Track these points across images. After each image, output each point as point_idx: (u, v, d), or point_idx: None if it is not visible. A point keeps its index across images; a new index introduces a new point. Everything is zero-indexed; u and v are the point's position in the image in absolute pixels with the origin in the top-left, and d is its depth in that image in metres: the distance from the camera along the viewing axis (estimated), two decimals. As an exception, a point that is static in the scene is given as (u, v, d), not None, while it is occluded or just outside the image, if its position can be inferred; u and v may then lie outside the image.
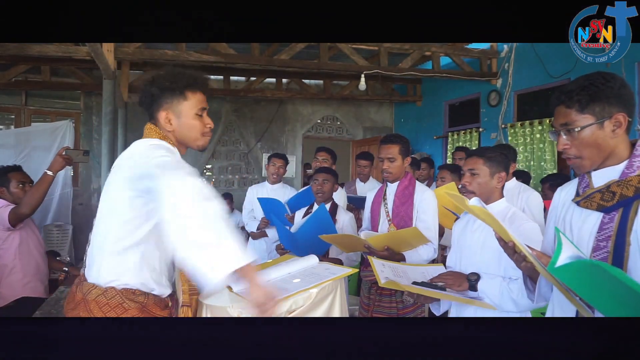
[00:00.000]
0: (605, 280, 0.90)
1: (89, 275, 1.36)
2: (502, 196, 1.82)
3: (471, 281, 1.65)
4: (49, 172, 2.23)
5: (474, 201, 1.21)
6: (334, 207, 2.73)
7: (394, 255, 2.17)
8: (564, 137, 1.15)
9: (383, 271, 1.87)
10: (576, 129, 1.12)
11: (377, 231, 2.39)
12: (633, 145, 1.14)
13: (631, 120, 1.12)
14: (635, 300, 0.86)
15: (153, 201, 1.18)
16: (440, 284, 1.69)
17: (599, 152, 1.13)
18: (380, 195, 2.46)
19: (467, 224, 1.85)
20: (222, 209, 1.09)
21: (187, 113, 1.38)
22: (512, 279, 1.60)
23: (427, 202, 2.32)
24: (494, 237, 1.28)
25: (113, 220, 1.33)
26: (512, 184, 2.85)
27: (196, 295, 1.46)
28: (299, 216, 2.90)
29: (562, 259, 0.90)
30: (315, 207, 2.81)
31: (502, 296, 1.58)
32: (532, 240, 1.41)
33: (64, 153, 2.26)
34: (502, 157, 1.78)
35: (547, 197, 3.23)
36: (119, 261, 1.31)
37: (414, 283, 1.72)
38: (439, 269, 1.96)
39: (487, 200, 1.77)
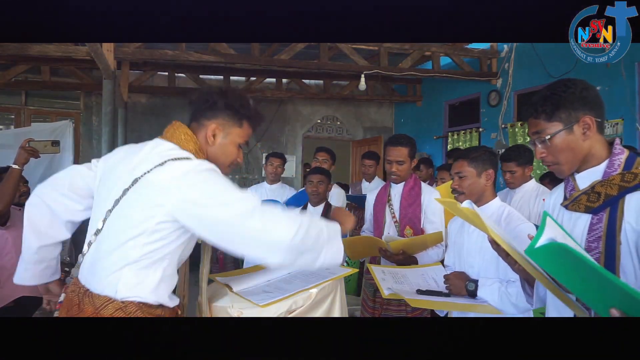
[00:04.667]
0: (574, 263, 0.86)
1: (98, 287, 1.23)
2: (494, 196, 1.83)
3: (469, 290, 1.67)
4: (15, 166, 2.19)
5: (466, 204, 1.22)
6: (328, 207, 2.78)
7: (408, 259, 2.16)
8: (539, 145, 1.21)
9: (384, 279, 1.87)
10: (547, 137, 1.17)
11: (383, 232, 2.38)
12: (611, 144, 1.17)
13: (600, 120, 1.15)
14: (602, 283, 0.85)
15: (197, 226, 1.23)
16: (444, 291, 1.69)
17: (574, 155, 1.17)
18: (384, 196, 2.44)
19: (463, 224, 1.85)
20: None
21: (233, 139, 1.37)
22: (510, 281, 1.60)
23: (435, 203, 2.30)
24: None
25: (138, 235, 1.21)
26: (532, 184, 2.81)
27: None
28: None
29: (540, 242, 0.87)
30: (310, 207, 2.86)
31: (502, 301, 1.59)
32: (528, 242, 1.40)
33: (27, 145, 2.18)
34: (487, 155, 1.80)
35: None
36: (142, 276, 1.23)
37: (419, 291, 1.71)
38: (436, 269, 1.96)
39: (480, 201, 1.78)
